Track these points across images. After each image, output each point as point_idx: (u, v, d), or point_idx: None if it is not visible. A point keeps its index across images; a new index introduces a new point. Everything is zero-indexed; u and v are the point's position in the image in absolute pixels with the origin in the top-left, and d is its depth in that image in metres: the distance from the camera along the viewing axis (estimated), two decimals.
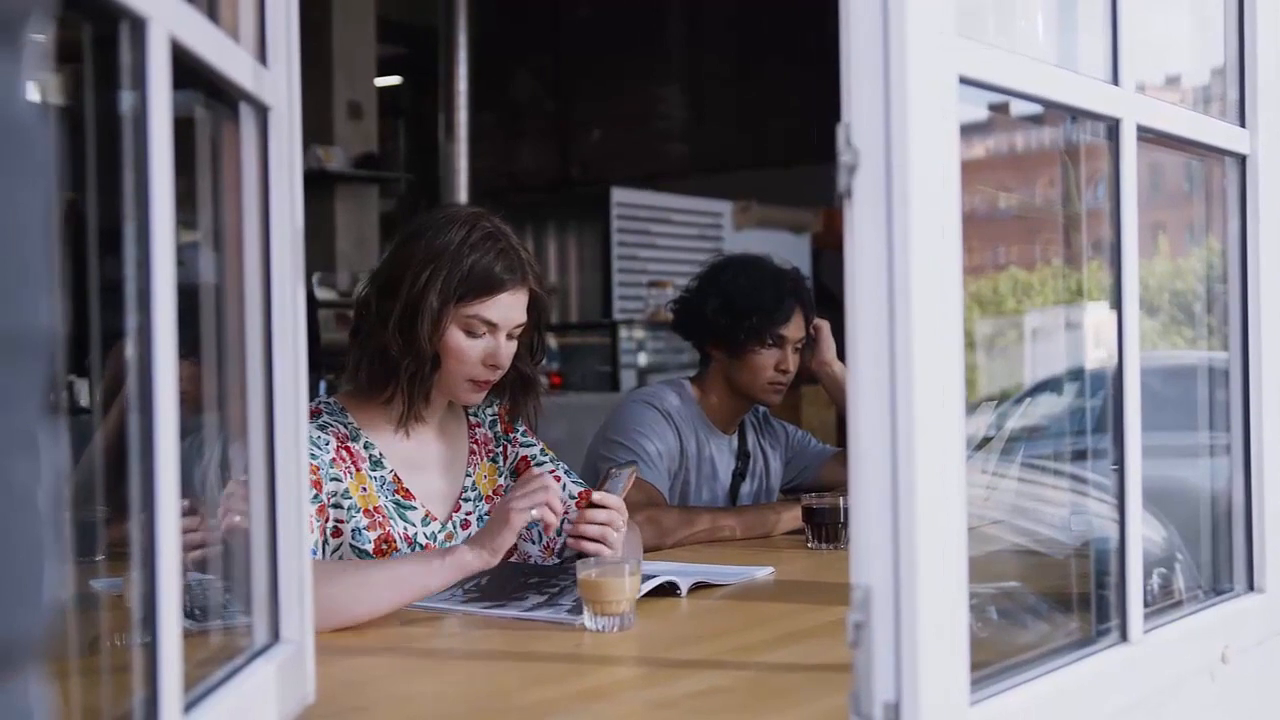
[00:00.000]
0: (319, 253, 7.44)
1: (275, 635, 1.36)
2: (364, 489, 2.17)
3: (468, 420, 2.39)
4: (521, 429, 2.43)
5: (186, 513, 1.06)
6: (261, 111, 1.33)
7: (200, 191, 1.31)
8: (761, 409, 3.20)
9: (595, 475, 2.95)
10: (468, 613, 2.00)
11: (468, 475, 2.34)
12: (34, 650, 0.56)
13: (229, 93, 1.27)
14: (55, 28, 0.67)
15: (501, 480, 2.38)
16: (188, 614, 1.13)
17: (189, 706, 1.08)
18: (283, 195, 1.36)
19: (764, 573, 2.36)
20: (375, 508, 2.17)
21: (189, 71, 1.10)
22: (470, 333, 2.19)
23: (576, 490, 2.38)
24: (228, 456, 1.42)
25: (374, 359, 2.19)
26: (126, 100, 1.00)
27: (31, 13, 0.56)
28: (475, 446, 2.37)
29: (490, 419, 2.41)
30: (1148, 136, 1.58)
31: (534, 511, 1.97)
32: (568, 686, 1.62)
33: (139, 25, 0.98)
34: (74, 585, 1.20)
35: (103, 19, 0.97)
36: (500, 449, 2.40)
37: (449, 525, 2.27)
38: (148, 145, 0.99)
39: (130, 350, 1.00)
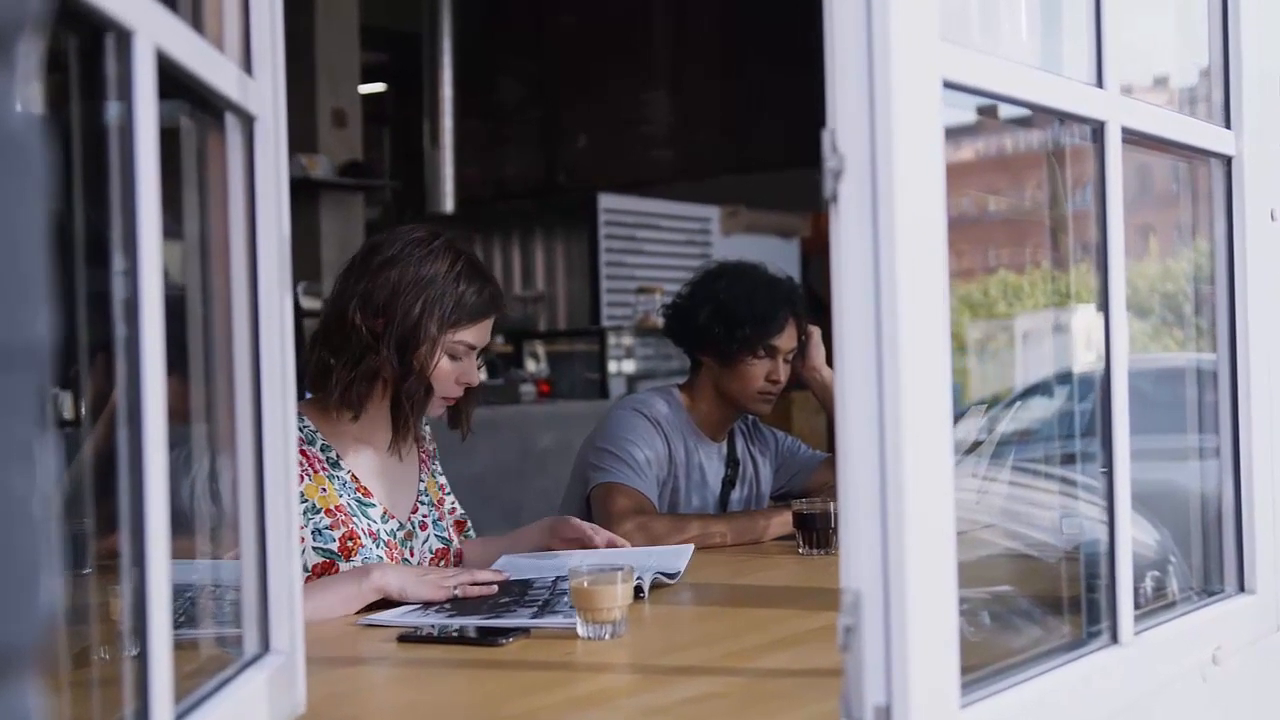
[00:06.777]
0: (304, 262, 7.40)
1: (265, 646, 1.36)
2: (323, 490, 2.25)
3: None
4: (436, 464, 2.53)
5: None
6: (247, 121, 1.33)
7: (185, 202, 1.31)
8: (751, 415, 3.20)
9: (584, 483, 2.95)
10: (467, 625, 1.95)
11: (420, 481, 2.45)
12: (31, 659, 0.56)
13: (214, 103, 1.27)
14: (47, 39, 0.67)
15: (442, 493, 2.52)
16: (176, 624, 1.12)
17: (179, 717, 1.08)
18: (269, 206, 1.36)
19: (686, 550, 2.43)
20: (337, 507, 2.25)
21: (173, 81, 1.10)
22: (453, 356, 2.30)
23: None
24: (215, 469, 1.42)
25: (364, 380, 2.26)
26: (112, 111, 1.00)
27: (25, 25, 0.56)
28: (424, 457, 2.49)
29: (428, 434, 2.53)
30: (1133, 138, 1.58)
31: (457, 591, 2.12)
32: (561, 694, 1.62)
33: (125, 37, 0.98)
34: (66, 598, 1.19)
35: (88, 30, 0.97)
36: (435, 465, 2.53)
37: (408, 525, 2.37)
38: (134, 156, 0.99)
39: (118, 362, 1.00)
